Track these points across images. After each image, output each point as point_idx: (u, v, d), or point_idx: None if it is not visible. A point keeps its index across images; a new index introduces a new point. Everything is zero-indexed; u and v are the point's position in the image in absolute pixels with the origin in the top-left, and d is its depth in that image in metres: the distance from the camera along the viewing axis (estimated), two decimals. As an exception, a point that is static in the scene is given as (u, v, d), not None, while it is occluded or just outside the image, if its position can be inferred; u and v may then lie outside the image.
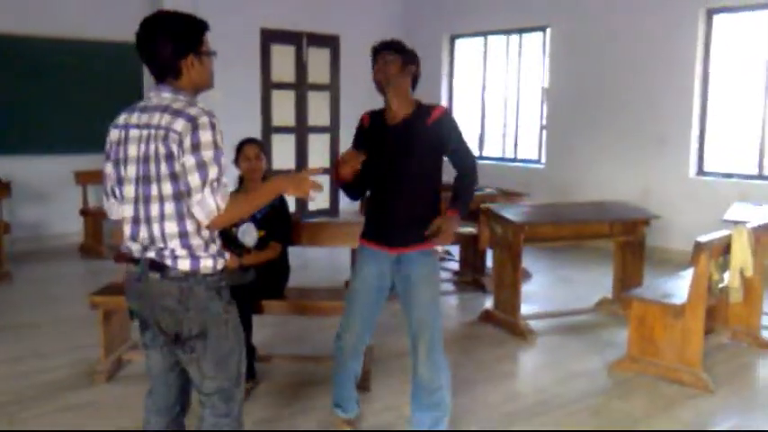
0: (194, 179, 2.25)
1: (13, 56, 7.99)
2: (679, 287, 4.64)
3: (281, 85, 10.12)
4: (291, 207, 5.02)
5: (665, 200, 7.84)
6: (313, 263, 7.35)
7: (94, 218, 7.84)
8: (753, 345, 5.04)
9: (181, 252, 2.34)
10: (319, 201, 10.68)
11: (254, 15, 9.67)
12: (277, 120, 10.14)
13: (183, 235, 2.33)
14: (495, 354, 4.93)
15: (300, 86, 10.32)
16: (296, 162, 10.39)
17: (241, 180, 4.41)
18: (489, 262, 6.49)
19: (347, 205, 10.49)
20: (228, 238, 4.27)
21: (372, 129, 3.35)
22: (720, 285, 4.55)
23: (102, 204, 2.63)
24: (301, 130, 10.42)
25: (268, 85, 10.00)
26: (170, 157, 2.27)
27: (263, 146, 4.49)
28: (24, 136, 8.05)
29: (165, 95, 2.40)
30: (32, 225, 8.17)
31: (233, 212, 2.33)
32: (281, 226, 4.35)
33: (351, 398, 3.58)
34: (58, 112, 8.19)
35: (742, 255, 4.52)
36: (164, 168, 2.29)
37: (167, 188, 2.30)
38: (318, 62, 10.43)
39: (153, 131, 2.31)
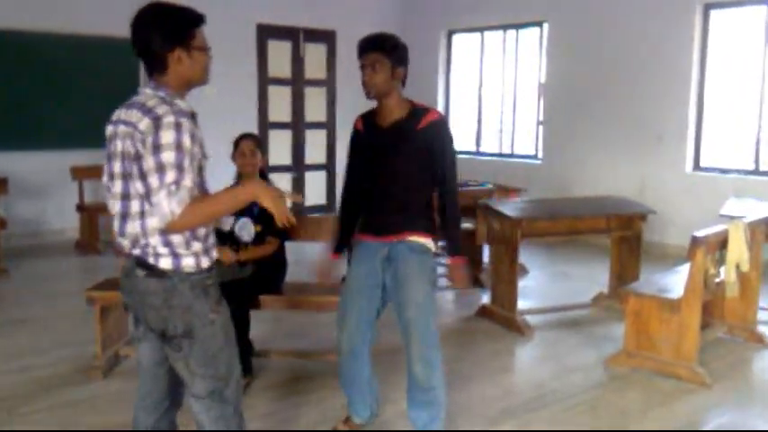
0: (153, 181, 2.18)
1: (9, 51, 7.96)
2: (675, 282, 4.65)
3: (278, 81, 10.11)
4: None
5: (662, 195, 7.85)
6: (310, 258, 7.34)
7: (91, 213, 7.83)
8: (749, 339, 5.05)
9: (162, 250, 2.30)
10: (316, 196, 10.68)
11: (251, 11, 9.65)
12: (273, 115, 10.12)
13: (164, 232, 2.27)
14: (492, 349, 4.94)
15: (297, 82, 10.30)
16: (292, 158, 10.38)
17: (239, 175, 4.41)
18: (486, 257, 6.50)
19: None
20: (226, 234, 4.28)
21: (365, 131, 3.32)
22: (717, 280, 4.56)
23: (98, 200, 2.62)
24: (298, 126, 10.40)
25: (264, 81, 9.99)
26: (137, 156, 2.23)
27: (261, 141, 4.48)
28: (21, 131, 8.02)
29: (147, 91, 2.36)
30: (29, 221, 8.16)
31: (191, 218, 2.22)
32: (278, 221, 4.35)
33: (360, 401, 3.51)
34: (54, 107, 8.16)
35: (738, 250, 4.53)
36: (135, 167, 2.25)
37: (140, 187, 2.25)
38: (315, 58, 10.41)
39: (129, 129, 2.26)
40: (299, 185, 10.48)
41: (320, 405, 3.92)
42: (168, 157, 2.18)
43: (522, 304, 5.48)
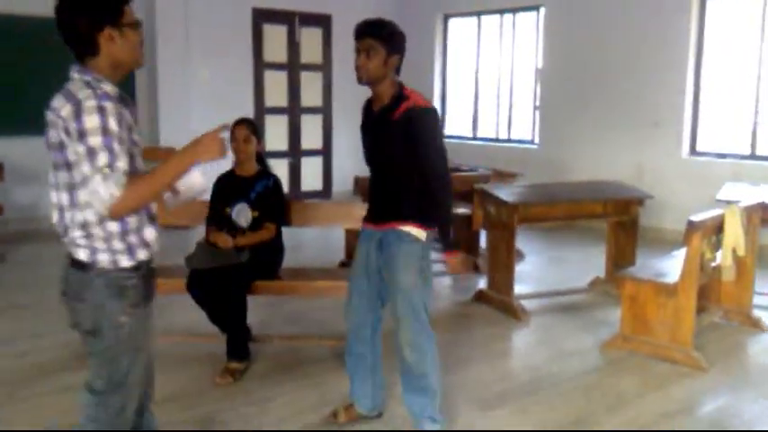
0: (85, 168, 2.10)
1: (7, 35, 7.92)
2: (671, 266, 4.67)
3: (274, 66, 10.07)
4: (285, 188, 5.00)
5: (659, 180, 7.86)
6: (307, 243, 7.36)
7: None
8: (744, 323, 5.08)
9: (82, 242, 2.23)
10: (312, 182, 10.67)
11: (247, -6, 9.61)
12: (269, 100, 10.10)
13: (84, 225, 2.21)
14: (488, 333, 4.96)
15: (293, 67, 10.26)
16: (288, 143, 10.37)
17: (236, 161, 4.40)
18: (483, 242, 6.51)
19: (340, 187, 10.49)
20: (223, 219, 4.29)
21: (365, 115, 3.33)
22: (713, 264, 4.58)
23: None
24: (294, 111, 10.38)
25: (260, 66, 9.95)
26: (61, 145, 2.16)
27: (257, 127, 4.46)
28: (18, 117, 7.96)
29: (74, 75, 2.24)
30: (26, 206, 8.12)
31: (133, 197, 2.14)
32: (276, 206, 4.35)
33: (360, 388, 3.50)
34: (52, 92, 8.10)
35: (735, 234, 4.55)
36: (60, 157, 2.18)
37: (65, 177, 2.20)
38: (311, 42, 10.37)
39: (53, 116, 2.18)
40: (295, 171, 10.47)
41: (318, 389, 3.93)
42: (95, 141, 2.09)
43: (518, 289, 5.49)
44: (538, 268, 6.81)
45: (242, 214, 4.28)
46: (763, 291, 5.46)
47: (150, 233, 2.34)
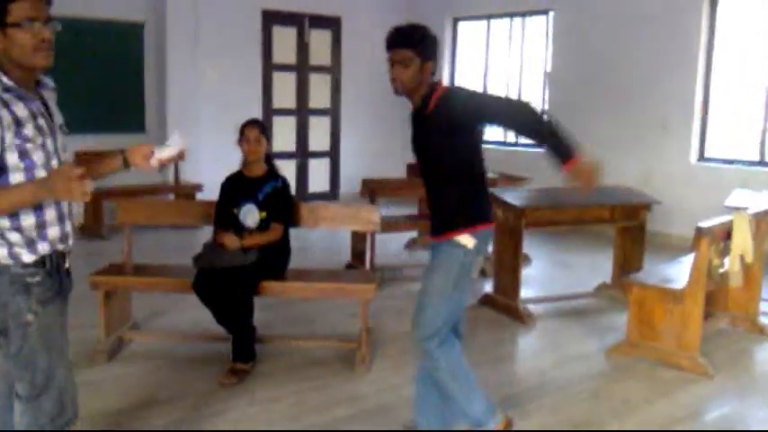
0: None
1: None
2: (679, 272, 4.65)
3: (283, 67, 10.09)
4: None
5: (667, 185, 7.83)
6: (313, 245, 7.36)
7: (95, 198, 7.82)
8: (751, 330, 5.05)
9: None
10: (319, 183, 10.68)
11: (256, -4, 9.64)
12: (278, 102, 10.12)
13: None
14: (494, 337, 4.95)
15: (302, 68, 10.28)
16: (296, 145, 10.38)
17: (244, 161, 4.40)
18: (489, 246, 6.49)
19: (347, 189, 10.49)
20: (230, 219, 4.29)
21: (411, 118, 3.22)
22: (720, 271, 4.55)
23: (102, 184, 2.54)
24: (302, 113, 10.39)
25: (269, 67, 9.97)
26: None
27: (266, 128, 4.47)
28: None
29: None
30: (33, 205, 8.16)
31: None
32: (284, 207, 4.35)
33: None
34: (59, 91, 8.15)
35: (742, 240, 4.53)
36: None
37: None
38: (320, 44, 10.39)
39: None
40: (302, 172, 10.48)
41: (323, 391, 3.93)
42: None
43: (524, 293, 5.48)
44: (544, 273, 6.79)
45: (249, 215, 4.28)
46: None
47: (54, 231, 2.28)
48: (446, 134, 2.98)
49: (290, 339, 4.64)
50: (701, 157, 8.00)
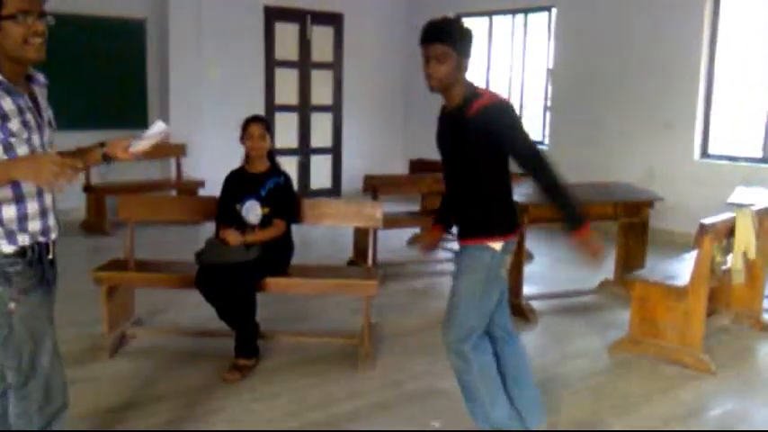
0: None
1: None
2: (682, 269, 4.64)
3: (285, 63, 10.08)
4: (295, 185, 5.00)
5: (670, 182, 7.82)
6: (316, 241, 7.37)
7: (98, 194, 7.84)
8: (754, 327, 5.05)
9: None
10: (322, 180, 10.68)
11: (258, -7, 9.64)
12: (280, 98, 10.11)
13: None
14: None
15: (304, 65, 10.27)
16: (298, 141, 10.38)
17: (247, 157, 4.40)
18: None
19: (349, 185, 10.49)
20: (233, 216, 4.29)
21: (440, 117, 3.19)
22: (723, 268, 4.55)
23: (105, 180, 2.55)
24: (304, 109, 10.38)
25: (271, 63, 9.96)
26: None
27: (269, 124, 4.47)
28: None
29: None
30: (35, 201, 8.16)
31: None
32: (287, 204, 4.36)
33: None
34: (60, 87, 8.09)
35: (745, 237, 4.52)
36: None
37: None
38: (322, 40, 10.37)
39: None
40: (305, 169, 10.48)
41: (325, 387, 3.93)
42: None
43: (527, 290, 5.48)
44: (546, 269, 6.79)
45: (252, 211, 4.28)
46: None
47: (35, 224, 2.32)
48: (485, 141, 2.94)
49: (292, 335, 4.65)
50: (704, 154, 7.98)
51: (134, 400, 3.74)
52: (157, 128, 2.50)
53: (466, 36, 2.97)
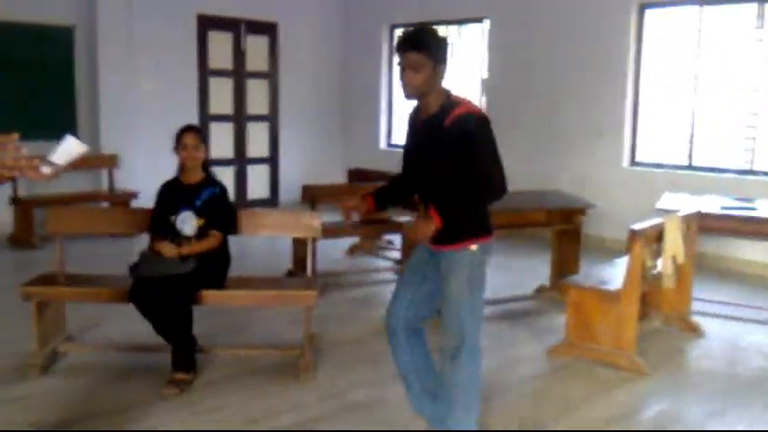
0: None
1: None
2: (614, 274, 4.76)
3: (219, 73, 9.97)
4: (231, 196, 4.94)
5: (601, 189, 8.02)
6: (253, 252, 7.28)
7: (26, 207, 7.58)
8: (683, 329, 5.21)
9: None
10: (258, 190, 10.58)
11: (191, 1, 9.49)
12: (215, 108, 9.98)
13: None
14: (434, 341, 4.96)
15: (239, 74, 10.17)
16: (234, 151, 10.25)
17: (181, 168, 4.32)
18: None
19: (287, 195, 10.42)
20: (167, 227, 4.20)
21: (411, 121, 3.21)
22: (654, 272, 4.69)
23: (33, 192, 2.43)
24: (240, 119, 10.28)
25: (205, 73, 9.83)
26: None
27: (203, 134, 4.41)
28: None
29: None
30: None
31: None
32: (223, 215, 4.29)
33: (409, 390, 3.43)
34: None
35: (674, 242, 4.67)
36: None
37: None
38: (257, 50, 10.30)
39: None
40: (241, 179, 10.36)
41: (266, 399, 3.88)
42: None
43: (465, 297, 5.52)
44: (484, 276, 6.85)
45: (187, 222, 4.20)
46: (701, 297, 5.62)
47: None
48: (462, 150, 2.99)
49: (231, 348, 4.57)
50: (633, 162, 8.23)
51: (67, 418, 3.61)
52: (68, 144, 2.30)
53: (441, 44, 3.02)
